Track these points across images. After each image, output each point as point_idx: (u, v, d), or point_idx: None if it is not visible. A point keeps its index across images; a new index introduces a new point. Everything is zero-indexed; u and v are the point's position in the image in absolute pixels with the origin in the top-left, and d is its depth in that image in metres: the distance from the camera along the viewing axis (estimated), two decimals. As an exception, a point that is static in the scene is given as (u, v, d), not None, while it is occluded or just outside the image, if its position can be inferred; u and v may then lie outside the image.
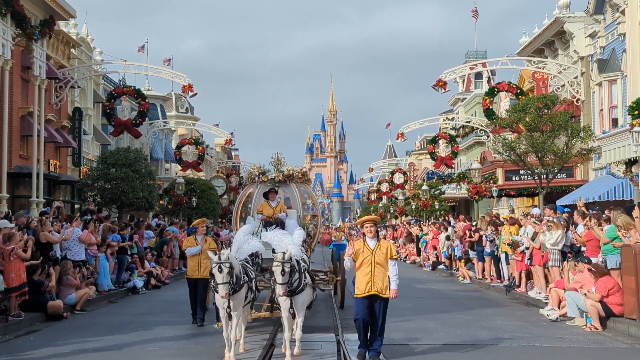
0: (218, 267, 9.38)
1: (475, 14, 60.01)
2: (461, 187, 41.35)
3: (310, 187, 17.38)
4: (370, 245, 9.50)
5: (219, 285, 9.39)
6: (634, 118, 19.26)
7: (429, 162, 49.44)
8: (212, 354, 10.47)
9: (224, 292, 9.37)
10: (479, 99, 38.57)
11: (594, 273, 13.04)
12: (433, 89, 29.55)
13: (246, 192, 16.76)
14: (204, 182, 41.14)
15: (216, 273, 9.39)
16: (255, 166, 16.19)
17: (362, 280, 9.41)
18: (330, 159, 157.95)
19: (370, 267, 9.37)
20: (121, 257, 20.16)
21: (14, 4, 20.81)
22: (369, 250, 9.45)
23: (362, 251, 9.45)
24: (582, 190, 26.59)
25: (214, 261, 9.48)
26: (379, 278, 9.38)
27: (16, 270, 13.43)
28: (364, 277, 9.40)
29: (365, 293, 9.37)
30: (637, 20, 22.32)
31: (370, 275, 9.36)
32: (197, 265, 13.19)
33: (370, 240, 9.54)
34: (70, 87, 28.18)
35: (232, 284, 9.52)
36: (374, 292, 9.36)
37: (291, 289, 9.62)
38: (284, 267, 9.45)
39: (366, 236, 9.59)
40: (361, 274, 9.44)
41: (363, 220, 9.84)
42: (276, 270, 9.51)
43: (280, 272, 9.46)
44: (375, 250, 9.46)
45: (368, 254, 9.43)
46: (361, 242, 9.59)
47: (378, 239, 9.64)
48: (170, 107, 48.74)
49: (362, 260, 9.43)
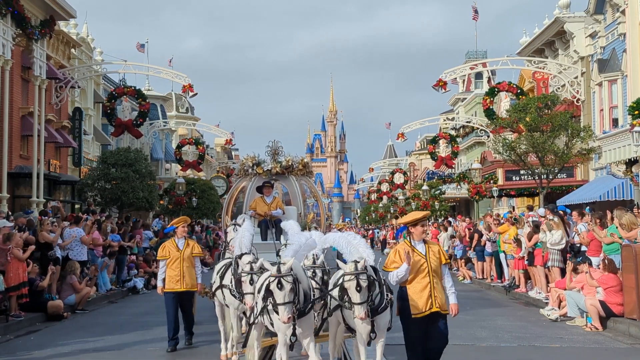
0: (278, 282, 7.12)
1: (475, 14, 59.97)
2: (461, 187, 41.35)
3: (312, 180, 15.41)
4: (420, 250, 7.58)
5: (279, 306, 7.14)
6: (634, 118, 19.26)
7: (429, 162, 49.39)
8: (212, 354, 10.46)
9: (287, 315, 7.09)
10: (479, 99, 38.55)
11: (605, 266, 13.02)
12: (433, 89, 29.54)
13: (238, 187, 14.65)
14: (204, 182, 41.13)
15: (275, 291, 7.15)
16: (249, 156, 14.05)
17: (420, 296, 7.44)
18: (331, 159, 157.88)
19: (428, 277, 7.46)
20: (121, 257, 20.18)
21: (14, 4, 20.81)
22: (421, 256, 7.53)
23: (413, 258, 7.51)
24: (582, 190, 26.58)
25: (271, 273, 7.28)
26: (438, 291, 7.49)
27: (15, 270, 13.43)
28: (421, 292, 7.44)
29: (426, 312, 7.42)
30: (637, 20, 22.31)
31: (429, 288, 7.43)
32: (179, 276, 10.73)
33: (418, 244, 7.61)
34: (70, 87, 28.17)
35: (298, 304, 7.30)
36: (436, 310, 7.45)
37: (372, 307, 7.26)
38: (359, 281, 7.11)
39: (412, 238, 7.64)
40: (417, 287, 7.46)
41: (415, 218, 7.67)
42: (350, 285, 7.17)
43: (356, 288, 7.09)
44: (429, 255, 7.55)
45: (422, 261, 7.50)
46: (407, 245, 7.62)
47: (424, 240, 7.74)
48: (170, 107, 48.70)
49: (417, 270, 7.49)
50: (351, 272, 7.14)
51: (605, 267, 12.99)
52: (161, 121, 41.96)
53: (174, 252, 10.73)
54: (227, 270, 9.99)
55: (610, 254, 13.47)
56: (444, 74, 29.76)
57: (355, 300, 7.09)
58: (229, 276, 9.80)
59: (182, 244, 10.82)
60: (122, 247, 20.33)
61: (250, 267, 8.55)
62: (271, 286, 7.18)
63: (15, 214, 17.46)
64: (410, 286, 7.47)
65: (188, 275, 10.72)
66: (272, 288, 7.16)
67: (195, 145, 39.09)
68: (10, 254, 13.37)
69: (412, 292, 7.45)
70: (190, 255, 10.78)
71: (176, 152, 39.37)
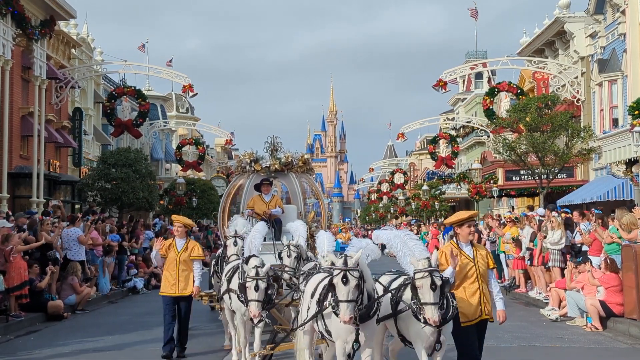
0: (343, 276, 6.31)
1: (475, 14, 59.98)
2: (461, 187, 41.38)
3: (313, 177, 14.73)
4: (467, 252, 7.12)
5: (341, 303, 6.30)
6: (635, 118, 19.26)
7: (430, 162, 49.44)
8: (212, 354, 10.46)
9: (349, 314, 6.25)
10: (480, 99, 38.57)
11: (607, 266, 13.02)
12: (433, 89, 29.55)
13: (235, 184, 14.03)
14: (205, 182, 41.14)
15: (339, 285, 6.32)
16: (246, 152, 13.44)
17: (470, 303, 6.99)
18: (331, 159, 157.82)
19: (477, 282, 7.03)
20: (120, 257, 20.18)
21: (14, 4, 20.81)
22: (469, 260, 7.07)
23: (460, 261, 7.04)
24: (582, 190, 26.59)
25: (336, 266, 6.44)
26: (487, 297, 7.08)
27: (16, 270, 13.43)
28: (471, 298, 7.01)
29: (477, 319, 7.01)
30: (637, 20, 22.31)
31: (479, 294, 7.02)
32: (174, 279, 10.04)
33: (465, 246, 7.14)
34: (70, 87, 28.17)
35: (361, 305, 6.45)
36: (486, 317, 7.07)
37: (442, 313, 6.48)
38: (433, 278, 6.38)
39: (458, 240, 7.17)
40: (466, 293, 7.01)
41: (461, 217, 7.25)
42: (423, 283, 6.39)
43: (430, 286, 6.37)
44: (477, 259, 7.10)
45: (470, 265, 7.04)
46: (453, 247, 7.14)
47: (471, 242, 7.25)
48: (170, 107, 48.70)
49: (465, 274, 7.02)
50: (424, 269, 6.43)
51: (607, 267, 13.00)
52: (161, 121, 41.97)
53: (172, 253, 10.08)
54: (234, 273, 9.54)
55: (611, 254, 13.48)
56: (444, 74, 29.76)
57: (428, 300, 6.33)
58: (236, 280, 9.33)
59: (181, 246, 10.10)
60: (122, 247, 20.33)
61: (256, 272, 8.13)
62: (334, 280, 6.36)
63: (17, 214, 17.47)
64: (458, 292, 7.00)
65: (184, 280, 10.01)
66: (336, 282, 6.34)
67: (195, 145, 39.11)
68: (12, 254, 13.37)
69: (461, 298, 6.97)
70: (188, 259, 10.04)
71: (176, 152, 39.38)
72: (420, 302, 6.40)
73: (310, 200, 15.24)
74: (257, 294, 8.03)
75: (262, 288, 8.07)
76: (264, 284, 8.11)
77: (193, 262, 10.10)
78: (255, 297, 8.03)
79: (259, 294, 8.04)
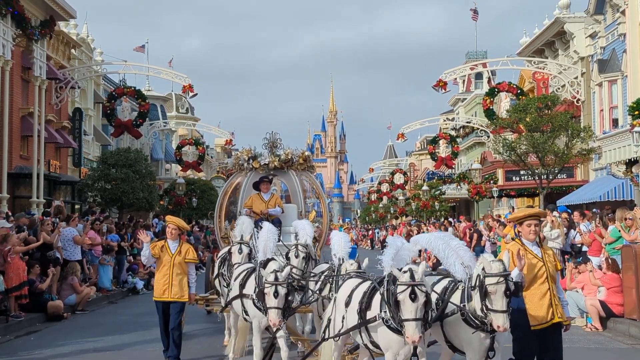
0: (411, 292, 5.86)
1: (475, 15, 59.99)
2: (461, 187, 41.39)
3: (313, 175, 14.13)
4: (535, 252, 6.69)
5: (407, 322, 5.84)
6: (634, 118, 19.27)
7: (429, 162, 49.43)
8: (212, 355, 10.45)
9: (418, 333, 5.81)
10: (479, 99, 38.58)
11: (609, 266, 13.03)
12: (433, 89, 29.56)
13: (233, 183, 13.44)
14: (205, 183, 41.17)
15: (406, 302, 5.87)
16: (244, 149, 12.86)
17: (540, 305, 6.56)
18: (331, 159, 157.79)
19: (547, 283, 6.60)
20: (120, 257, 20.16)
21: (14, 4, 20.81)
22: (537, 259, 6.65)
23: (529, 261, 6.59)
24: (582, 190, 26.60)
25: (401, 281, 5.93)
26: (557, 298, 6.67)
27: (15, 270, 13.42)
28: (541, 300, 6.56)
29: (548, 323, 6.59)
30: (637, 21, 22.32)
31: (549, 295, 6.58)
32: (167, 284, 9.39)
33: (532, 245, 6.72)
34: (70, 87, 28.18)
35: (429, 322, 6.12)
36: (558, 320, 6.62)
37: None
38: (508, 284, 5.91)
39: (523, 239, 6.77)
40: (535, 295, 6.57)
41: (525, 214, 6.87)
42: (498, 289, 5.89)
43: (505, 292, 5.88)
44: (545, 259, 6.69)
45: (540, 265, 6.62)
46: (519, 245, 6.69)
47: (538, 242, 6.82)
48: (170, 107, 48.71)
49: (534, 275, 6.58)
50: (499, 273, 5.87)
51: (609, 267, 13.00)
52: (161, 121, 41.97)
53: (165, 255, 9.38)
54: (248, 277, 8.90)
55: (613, 254, 13.50)
56: (444, 74, 29.77)
57: (500, 308, 5.86)
58: (251, 284, 8.70)
59: (174, 248, 9.41)
60: (122, 247, 20.32)
61: (275, 276, 7.60)
62: (400, 296, 5.87)
63: (18, 215, 17.47)
64: (527, 293, 6.55)
65: (177, 284, 9.32)
66: (402, 298, 5.85)
67: (195, 145, 39.10)
68: (11, 255, 13.36)
69: (530, 300, 6.52)
70: (182, 262, 9.35)
71: (176, 152, 39.38)
72: (488, 308, 5.91)
73: (310, 200, 14.81)
74: (276, 300, 7.52)
75: (282, 294, 7.56)
76: (284, 289, 7.60)
77: (188, 266, 9.48)
78: (275, 304, 7.53)
79: (278, 300, 7.53)
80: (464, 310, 6.12)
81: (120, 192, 26.62)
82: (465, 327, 6.16)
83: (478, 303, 6.00)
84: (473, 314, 6.08)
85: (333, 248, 8.69)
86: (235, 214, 13.20)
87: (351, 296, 6.83)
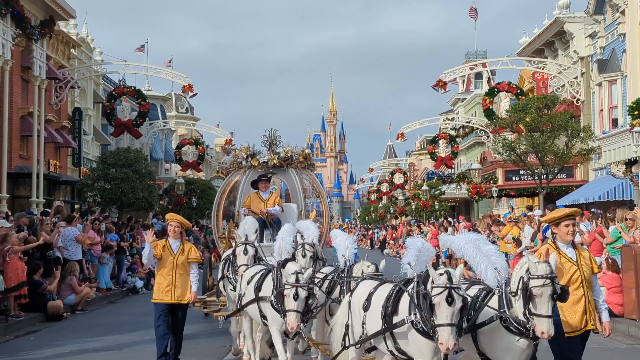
0: (448, 295, 5.47)
1: (474, 14, 59.99)
2: (461, 187, 41.38)
3: (314, 173, 13.80)
4: (569, 255, 6.36)
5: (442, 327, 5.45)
6: (634, 118, 19.29)
7: (429, 162, 49.41)
8: (212, 354, 10.45)
9: (452, 342, 5.44)
10: (479, 99, 38.59)
11: (609, 266, 13.04)
12: (433, 89, 29.60)
13: (231, 181, 13.09)
14: (204, 183, 41.18)
15: (442, 306, 5.47)
16: (242, 147, 12.48)
17: (574, 311, 6.26)
18: (330, 159, 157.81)
19: (582, 288, 6.26)
20: (119, 257, 20.16)
21: (14, 4, 20.82)
22: (571, 263, 6.30)
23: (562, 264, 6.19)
24: (582, 190, 26.61)
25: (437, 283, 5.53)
26: (592, 305, 6.33)
27: (14, 270, 13.41)
28: (575, 306, 6.25)
29: (582, 330, 6.31)
30: (637, 21, 22.33)
31: (584, 301, 6.27)
32: (170, 285, 8.86)
33: (566, 247, 6.38)
34: (70, 87, 28.18)
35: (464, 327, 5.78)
36: (591, 327, 6.34)
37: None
38: (556, 289, 5.55)
39: (558, 241, 6.41)
40: (570, 300, 6.10)
41: (563, 214, 6.48)
42: (543, 292, 5.52)
43: (552, 295, 5.53)
44: (580, 262, 6.34)
45: (574, 269, 6.28)
46: (552, 248, 6.36)
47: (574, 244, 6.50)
48: (170, 107, 48.71)
49: (569, 279, 6.23)
50: (545, 275, 5.48)
51: (609, 267, 13.01)
52: (161, 121, 41.98)
53: (167, 255, 8.90)
54: (264, 280, 8.45)
55: (613, 254, 13.50)
56: (444, 74, 29.79)
57: (545, 312, 5.48)
58: (267, 286, 8.26)
59: (176, 247, 8.94)
60: (121, 247, 20.32)
61: (296, 278, 7.22)
62: (435, 299, 5.47)
63: (18, 214, 17.47)
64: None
65: (180, 285, 8.85)
66: (438, 302, 5.45)
67: (195, 145, 39.11)
68: (10, 254, 13.35)
69: (564, 306, 6.14)
70: (185, 262, 8.90)
71: (176, 152, 39.38)
72: (532, 313, 5.51)
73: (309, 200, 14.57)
74: (296, 303, 7.18)
75: (303, 297, 7.22)
76: (305, 292, 7.24)
77: (190, 266, 9.01)
78: (294, 307, 7.18)
79: (298, 303, 7.19)
80: (505, 316, 5.69)
81: (120, 192, 26.63)
82: (505, 335, 5.71)
83: (520, 307, 5.61)
84: (515, 320, 5.66)
85: (339, 249, 8.44)
86: (233, 213, 12.93)
87: (370, 300, 6.44)
